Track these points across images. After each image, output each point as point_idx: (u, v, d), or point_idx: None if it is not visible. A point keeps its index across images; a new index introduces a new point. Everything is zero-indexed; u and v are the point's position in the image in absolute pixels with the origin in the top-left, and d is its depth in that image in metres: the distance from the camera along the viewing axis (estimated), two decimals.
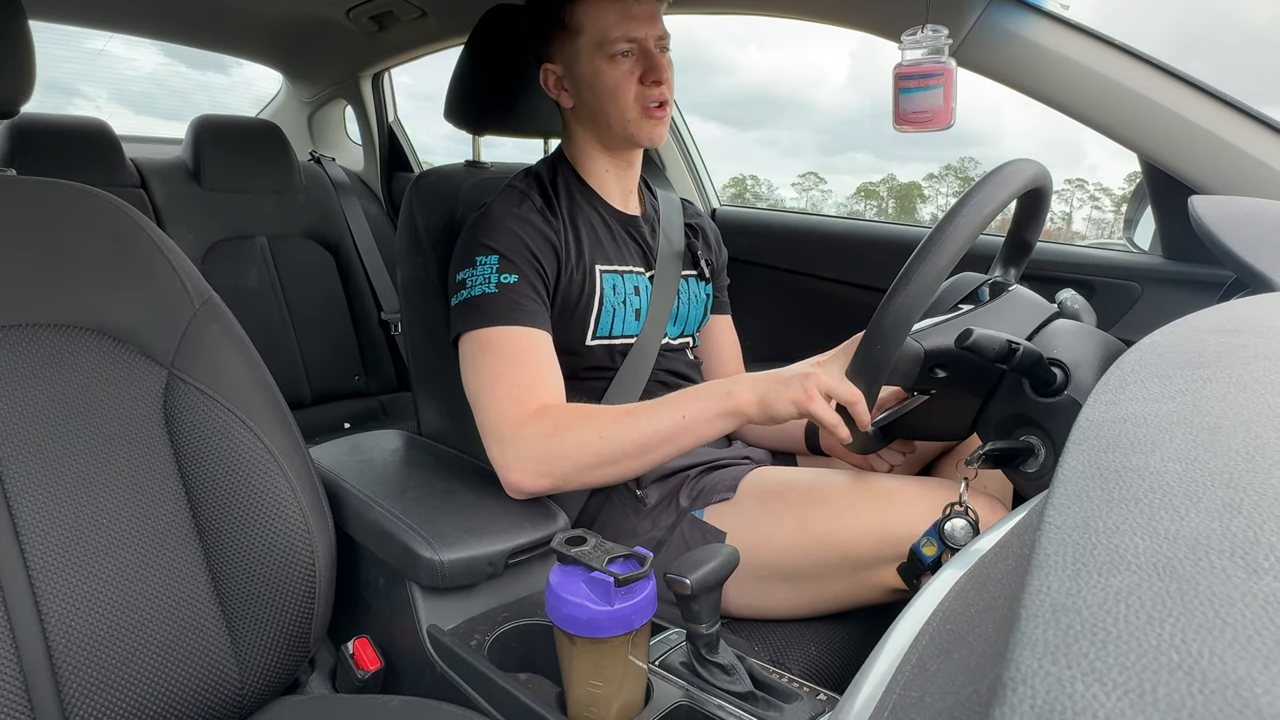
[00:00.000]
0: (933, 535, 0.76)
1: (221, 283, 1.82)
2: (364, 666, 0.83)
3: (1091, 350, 0.77)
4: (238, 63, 2.45)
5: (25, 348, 0.71)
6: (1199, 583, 0.19)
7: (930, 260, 0.71)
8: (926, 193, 17.91)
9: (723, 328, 1.21)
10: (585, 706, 0.66)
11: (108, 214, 0.79)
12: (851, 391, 0.76)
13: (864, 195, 17.17)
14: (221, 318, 0.81)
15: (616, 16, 0.94)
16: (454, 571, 0.78)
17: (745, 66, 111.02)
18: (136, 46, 2.32)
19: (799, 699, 0.68)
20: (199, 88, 3.02)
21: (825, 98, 58.79)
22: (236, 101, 3.18)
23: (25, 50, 0.80)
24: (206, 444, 0.75)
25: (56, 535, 0.68)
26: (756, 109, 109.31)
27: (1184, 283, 1.15)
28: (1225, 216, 0.70)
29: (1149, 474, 0.25)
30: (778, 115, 34.02)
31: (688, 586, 0.63)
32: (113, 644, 0.68)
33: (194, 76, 2.39)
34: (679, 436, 0.84)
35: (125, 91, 2.05)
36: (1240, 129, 0.98)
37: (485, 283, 0.91)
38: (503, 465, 0.86)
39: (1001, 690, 0.17)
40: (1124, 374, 0.34)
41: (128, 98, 6.02)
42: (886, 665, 0.34)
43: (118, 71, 3.99)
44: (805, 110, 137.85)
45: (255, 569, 0.75)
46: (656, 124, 0.98)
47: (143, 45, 2.08)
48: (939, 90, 1.03)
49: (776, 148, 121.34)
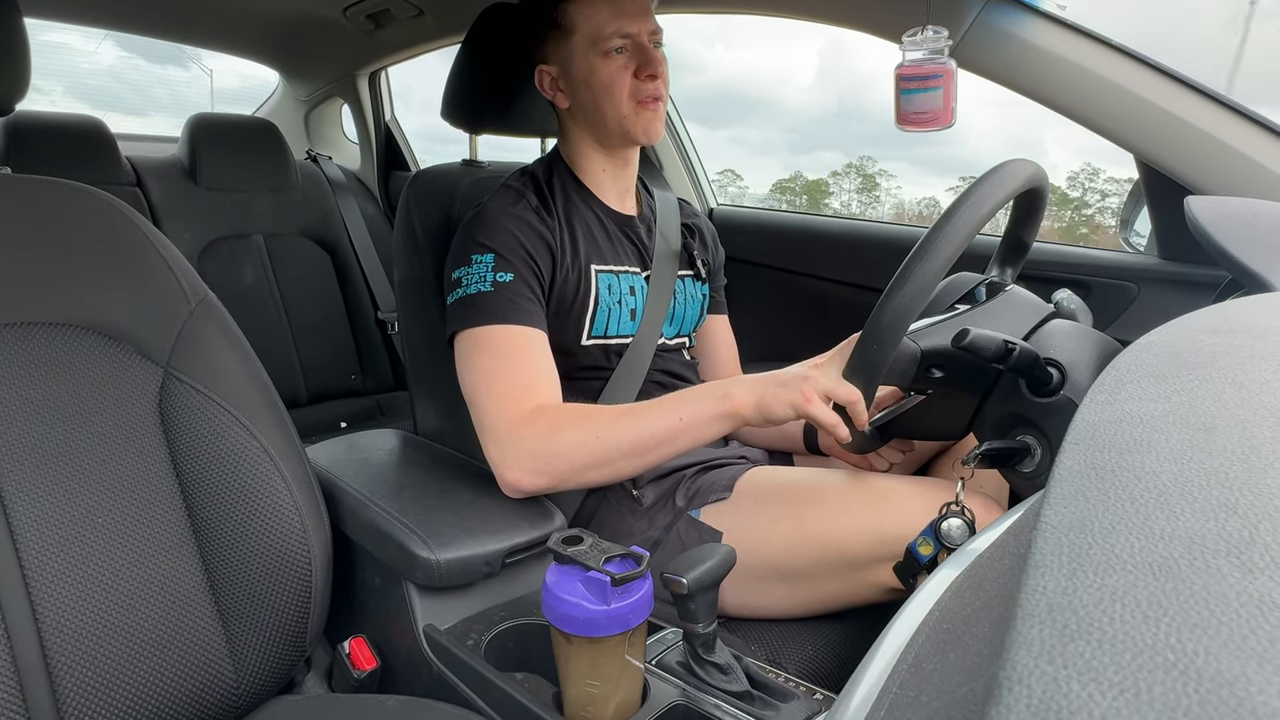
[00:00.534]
0: (929, 535, 0.76)
1: (218, 281, 1.80)
2: (360, 666, 0.83)
3: (1088, 350, 0.77)
4: (197, 56, 2.43)
5: (20, 346, 0.71)
6: (1195, 582, 0.19)
7: (926, 261, 0.71)
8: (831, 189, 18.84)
9: (720, 327, 1.21)
10: (582, 706, 0.66)
11: (103, 212, 0.79)
12: (849, 392, 0.76)
13: (779, 191, 17.69)
14: (217, 316, 0.81)
15: (609, 13, 0.95)
16: (450, 571, 0.78)
17: (714, 65, 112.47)
18: (94, 39, 2.25)
19: (795, 698, 0.68)
20: (158, 81, 2.86)
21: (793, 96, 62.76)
22: (196, 96, 3.12)
23: (20, 48, 0.80)
24: (202, 443, 0.75)
25: (52, 534, 0.68)
26: (725, 107, 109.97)
27: (1180, 283, 1.15)
28: (1221, 217, 0.70)
29: (1145, 474, 0.25)
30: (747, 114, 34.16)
31: (684, 586, 0.63)
32: (108, 644, 0.68)
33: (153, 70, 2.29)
34: (676, 438, 0.84)
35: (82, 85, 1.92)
36: (1237, 130, 0.98)
37: (481, 281, 0.91)
38: (499, 463, 0.86)
39: (997, 689, 0.17)
40: (1120, 374, 0.34)
41: (85, 91, 5.89)
42: (883, 664, 0.34)
43: (75, 65, 3.84)
44: (773, 109, 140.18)
45: (251, 568, 0.74)
46: (652, 119, 0.98)
47: (100, 38, 2.02)
48: (939, 91, 1.04)
49: (746, 146, 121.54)
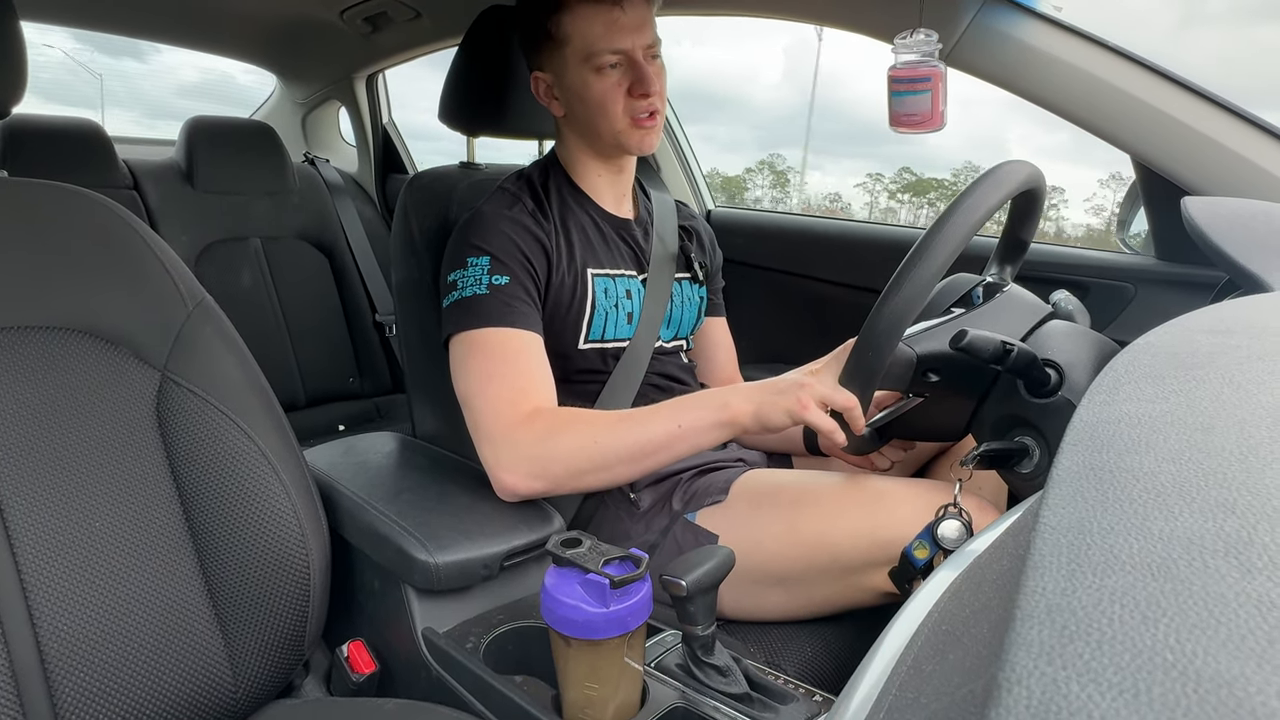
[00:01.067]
0: (925, 538, 0.76)
1: (215, 284, 1.80)
2: (359, 669, 0.83)
3: (1085, 351, 0.77)
4: (156, 49, 2.40)
5: (17, 350, 0.71)
6: (1193, 583, 0.19)
7: (921, 266, 0.71)
8: (747, 185, 19.15)
9: (718, 330, 1.21)
10: (581, 709, 0.66)
11: (100, 216, 0.78)
12: (846, 398, 0.76)
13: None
14: (215, 320, 0.80)
15: (602, 28, 0.92)
16: (449, 574, 0.77)
17: (681, 62, 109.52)
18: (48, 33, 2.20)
19: (794, 700, 0.68)
20: (115, 74, 2.71)
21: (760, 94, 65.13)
22: (155, 89, 3.06)
23: (17, 51, 0.80)
24: (200, 447, 0.75)
25: (49, 539, 0.68)
26: (692, 105, 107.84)
27: (1177, 284, 1.16)
28: (1218, 218, 0.70)
29: (1143, 474, 0.25)
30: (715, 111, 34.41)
31: (683, 588, 0.63)
32: (106, 648, 0.68)
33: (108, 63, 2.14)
34: (673, 445, 0.84)
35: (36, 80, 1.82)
36: (1233, 131, 0.98)
37: (476, 284, 0.91)
38: (495, 466, 0.86)
39: (997, 691, 0.17)
40: (1118, 375, 0.34)
41: (38, 85, 5.85)
42: (882, 666, 0.34)
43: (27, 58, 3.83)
44: (740, 107, 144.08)
45: (249, 572, 0.74)
46: (647, 134, 0.97)
47: (53, 32, 2.00)
48: (927, 95, 1.04)
49: (714, 143, 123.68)
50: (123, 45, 3.59)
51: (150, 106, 12.97)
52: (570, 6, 0.93)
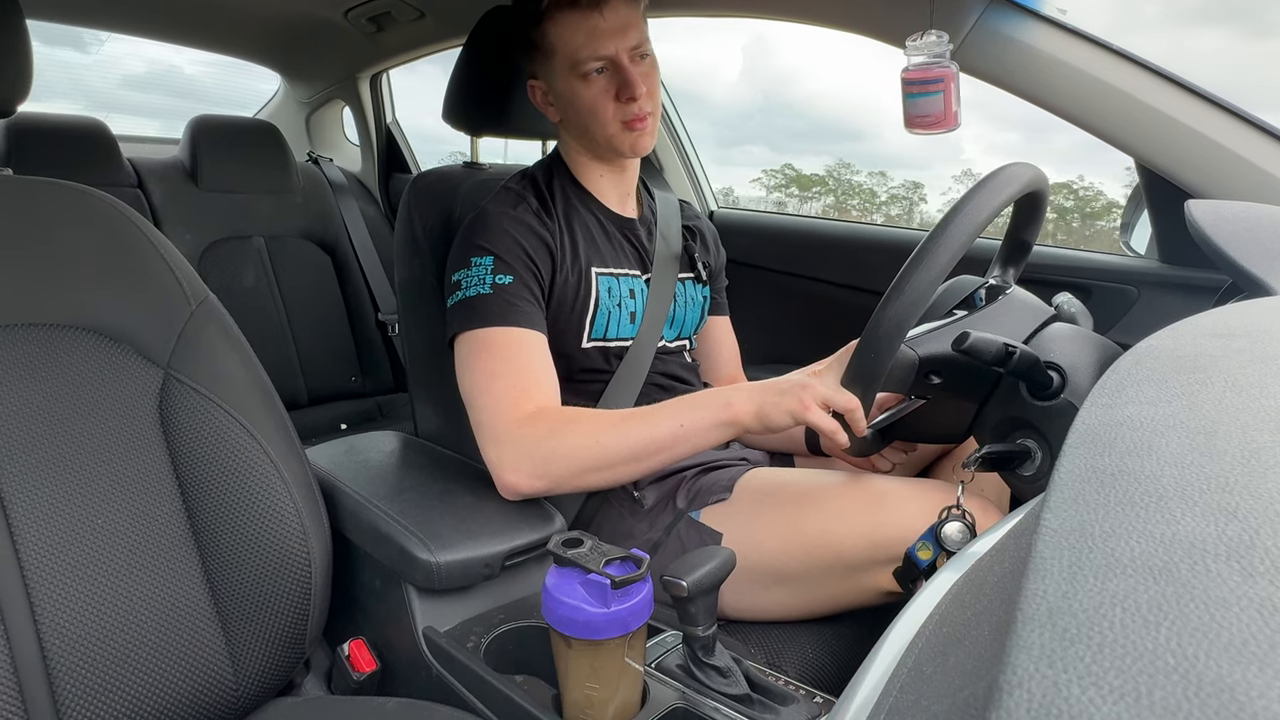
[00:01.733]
0: (928, 539, 0.76)
1: (218, 283, 1.81)
2: (360, 668, 0.83)
3: (1088, 354, 0.77)
4: (97, 39, 2.31)
5: (20, 348, 0.71)
6: (1195, 586, 0.19)
7: (924, 268, 0.71)
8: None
9: (721, 329, 1.21)
10: (581, 709, 0.66)
11: (104, 214, 0.79)
12: (848, 400, 0.76)
13: None
14: (218, 318, 0.81)
15: (584, 36, 0.92)
16: (450, 573, 0.78)
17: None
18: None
19: (795, 702, 0.68)
20: (53, 65, 2.60)
21: (719, 92, 46.44)
22: (99, 81, 2.99)
23: (23, 50, 0.80)
24: (202, 445, 0.75)
25: (51, 536, 0.68)
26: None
27: (1180, 287, 1.15)
28: (1221, 221, 0.70)
29: (1145, 478, 0.25)
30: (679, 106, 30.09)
31: (684, 589, 0.63)
32: (107, 646, 0.68)
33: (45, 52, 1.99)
34: (675, 444, 0.84)
35: None
36: (1237, 134, 0.98)
37: (480, 284, 0.91)
38: (498, 465, 0.86)
39: (998, 694, 0.17)
40: (1120, 378, 0.34)
41: None
42: (883, 668, 0.34)
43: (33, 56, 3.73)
44: (698, 104, 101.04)
45: (251, 570, 0.74)
46: (639, 136, 0.97)
47: None
48: (939, 96, 1.04)
49: None
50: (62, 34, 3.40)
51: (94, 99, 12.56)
52: (552, 16, 0.93)
